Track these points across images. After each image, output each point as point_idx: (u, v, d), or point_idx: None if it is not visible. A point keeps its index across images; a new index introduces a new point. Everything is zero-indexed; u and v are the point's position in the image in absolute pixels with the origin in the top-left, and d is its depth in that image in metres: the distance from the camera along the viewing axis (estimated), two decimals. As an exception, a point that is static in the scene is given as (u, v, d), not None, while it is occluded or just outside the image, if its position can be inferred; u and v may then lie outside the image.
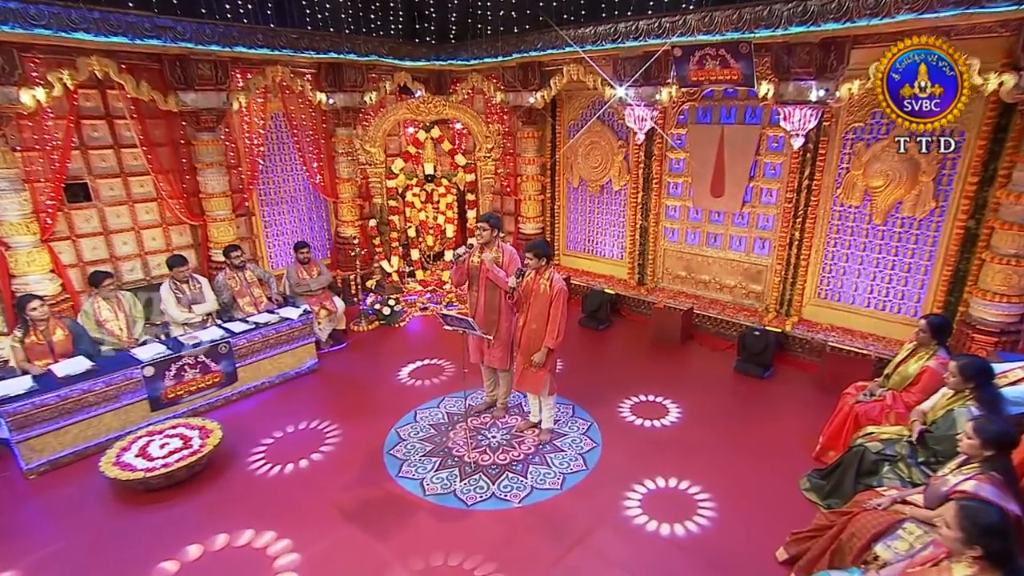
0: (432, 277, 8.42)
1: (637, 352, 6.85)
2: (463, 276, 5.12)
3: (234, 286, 6.48)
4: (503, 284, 4.91)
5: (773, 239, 6.85)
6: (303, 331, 6.37)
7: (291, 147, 8.23)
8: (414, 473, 4.71)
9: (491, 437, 5.16)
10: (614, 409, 5.54)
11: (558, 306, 4.66)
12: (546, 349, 4.72)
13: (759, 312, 7.03)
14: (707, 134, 7.08)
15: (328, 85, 7.91)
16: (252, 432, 5.32)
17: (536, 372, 4.84)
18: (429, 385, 6.11)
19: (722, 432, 5.15)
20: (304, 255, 6.99)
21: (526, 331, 4.84)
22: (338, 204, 8.62)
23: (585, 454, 4.90)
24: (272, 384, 6.20)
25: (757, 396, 5.78)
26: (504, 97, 8.42)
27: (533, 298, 4.75)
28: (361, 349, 7.05)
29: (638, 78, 6.95)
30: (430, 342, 7.14)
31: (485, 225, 4.96)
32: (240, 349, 5.92)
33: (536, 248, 4.72)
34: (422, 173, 8.19)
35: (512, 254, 5.07)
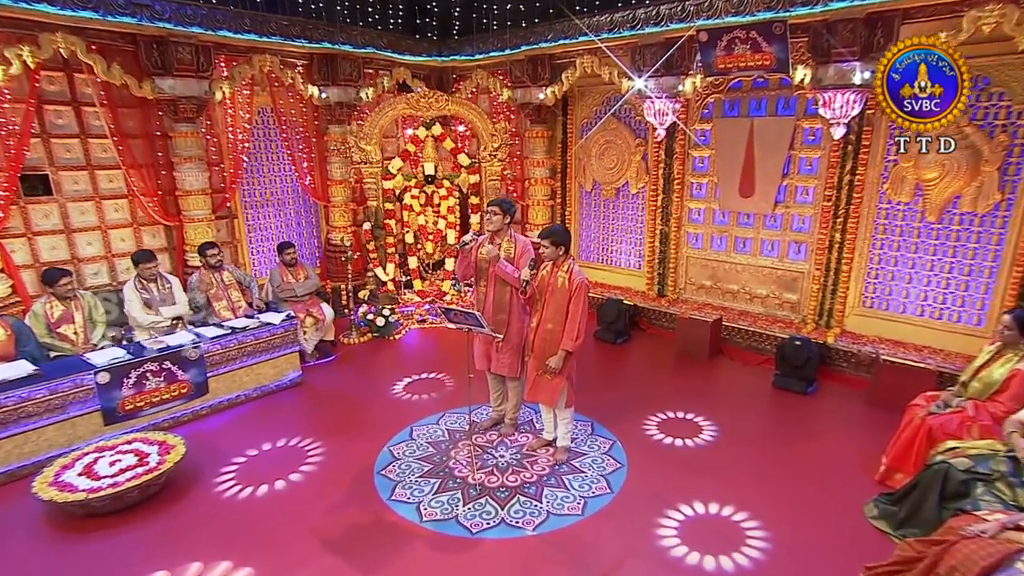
0: (431, 288, 7.97)
1: (660, 367, 6.49)
2: (469, 269, 4.70)
3: (209, 288, 6.01)
4: (513, 280, 4.49)
5: (810, 243, 6.47)
6: (286, 339, 5.90)
7: (279, 145, 7.92)
8: (409, 496, 4.19)
9: (499, 456, 4.67)
10: (639, 427, 5.08)
11: (578, 303, 4.24)
12: (564, 352, 4.29)
13: (795, 324, 6.57)
14: (735, 128, 6.75)
15: (321, 78, 7.63)
16: (222, 450, 4.82)
17: (552, 380, 4.40)
18: (427, 400, 5.64)
19: (766, 453, 4.69)
20: (289, 256, 6.55)
21: (540, 332, 4.40)
22: (329, 208, 8.26)
23: (609, 476, 4.40)
24: (249, 398, 5.70)
25: (801, 413, 5.33)
26: (511, 94, 8.12)
27: (549, 294, 4.34)
28: (351, 362, 6.61)
29: (659, 67, 6.65)
30: (428, 355, 6.79)
31: (496, 210, 4.56)
32: (213, 356, 5.42)
33: (553, 235, 4.30)
34: (422, 174, 7.84)
35: (525, 245, 4.67)
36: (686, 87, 6.62)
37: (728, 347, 6.72)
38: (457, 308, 4.20)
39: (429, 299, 7.79)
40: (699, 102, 7.04)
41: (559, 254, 4.32)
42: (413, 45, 8.49)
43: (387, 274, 7.63)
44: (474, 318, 4.11)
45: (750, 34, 5.78)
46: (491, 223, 4.58)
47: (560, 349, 4.29)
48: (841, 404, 5.46)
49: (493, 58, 8.18)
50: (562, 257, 4.34)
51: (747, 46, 5.87)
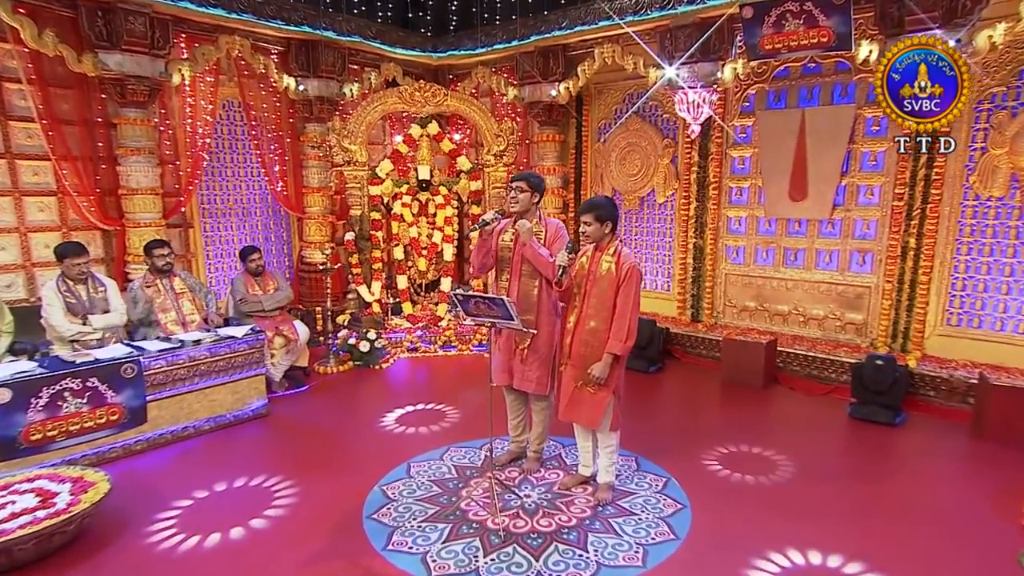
0: (424, 312, 7.36)
1: (707, 397, 5.99)
2: (488, 257, 4.15)
3: (155, 296, 5.31)
4: (545, 267, 3.93)
5: (877, 251, 6.05)
6: (250, 357, 5.20)
7: (247, 144, 7.45)
8: (412, 545, 3.44)
9: (524, 496, 3.95)
10: (696, 462, 4.48)
11: (628, 294, 3.69)
12: (610, 357, 3.70)
13: (863, 348, 6.01)
14: (782, 122, 6.41)
15: (299, 68, 7.25)
16: (161, 491, 4.08)
17: (595, 393, 3.81)
18: (426, 433, 4.97)
19: (863, 492, 4.11)
20: (255, 263, 5.92)
21: (580, 333, 3.82)
22: (304, 221, 7.74)
23: (669, 518, 3.72)
24: (199, 431, 4.94)
25: (894, 448, 4.78)
26: (518, 92, 7.79)
27: (591, 284, 3.80)
28: (329, 393, 5.96)
29: (693, 53, 6.34)
30: (424, 386, 6.21)
31: (522, 185, 4.06)
32: (155, 375, 4.68)
33: (595, 208, 3.77)
34: (415, 179, 7.35)
35: (558, 228, 4.16)
36: (725, 74, 6.29)
37: (784, 376, 6.16)
38: (478, 295, 3.59)
39: (422, 324, 7.14)
40: (738, 94, 6.70)
41: (604, 233, 3.78)
42: (405, 37, 8.18)
43: (372, 293, 7.02)
44: (501, 306, 3.51)
45: (804, 6, 5.49)
46: (516, 202, 4.06)
47: (605, 353, 3.70)
48: (939, 437, 4.88)
49: (497, 52, 7.88)
50: (608, 237, 3.80)
51: (800, 21, 5.57)
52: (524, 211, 4.07)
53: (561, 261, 3.75)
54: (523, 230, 3.99)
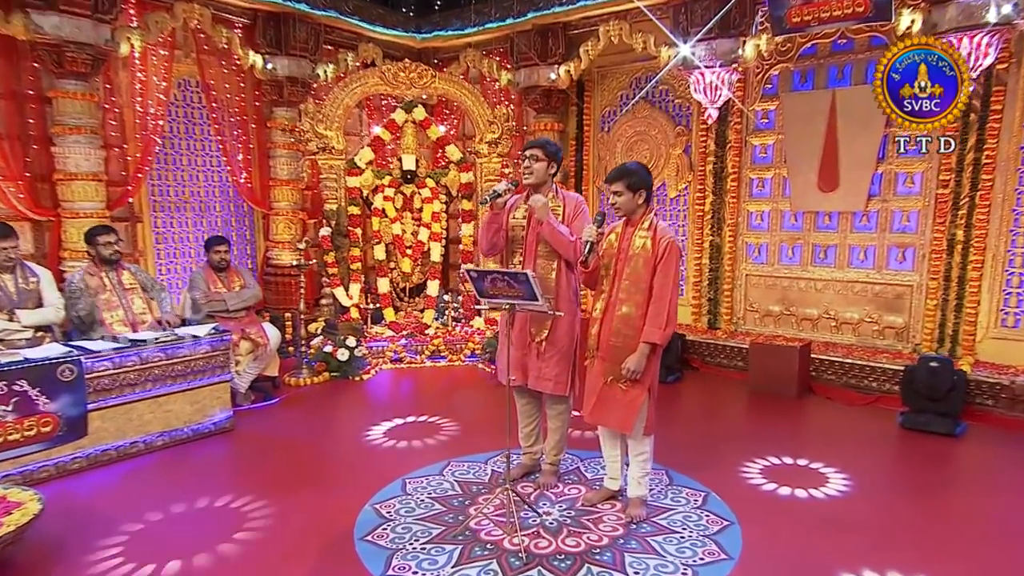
0: (408, 320, 7.10)
1: (735, 407, 5.85)
2: (499, 236, 3.94)
3: (99, 291, 4.94)
4: (566, 248, 3.74)
5: (919, 246, 5.95)
6: (214, 361, 4.87)
7: (206, 129, 7.17)
8: (416, 570, 3.14)
9: (543, 513, 3.66)
10: (735, 475, 4.30)
11: (668, 273, 3.50)
12: (646, 347, 3.48)
13: (905, 355, 5.85)
14: (809, 104, 6.32)
15: (267, 45, 7.01)
16: (104, 513, 3.72)
17: (627, 391, 3.60)
18: (420, 447, 4.70)
19: (940, 509, 3.93)
20: (219, 256, 5.60)
21: (610, 321, 3.63)
22: (271, 217, 7.45)
23: (716, 536, 3.47)
24: (150, 446, 4.57)
25: (957, 460, 4.64)
26: (512, 77, 7.63)
27: (622, 263, 3.60)
28: (303, 405, 5.66)
29: (712, 28, 6.22)
30: (413, 397, 5.98)
31: (537, 153, 3.86)
32: (98, 379, 4.30)
33: (626, 175, 3.57)
34: (398, 169, 7.12)
35: (578, 203, 3.97)
36: (747, 52, 6.19)
37: (817, 385, 5.98)
38: (495, 270, 3.34)
39: (407, 333, 6.85)
40: (759, 75, 6.62)
41: (637, 204, 3.57)
42: (385, 15, 8.01)
43: (350, 297, 6.72)
44: (524, 283, 3.26)
45: (838, -28, 5.45)
46: (530, 172, 3.85)
47: (641, 342, 3.48)
48: (1006, 448, 4.69)
49: (489, 32, 7.73)
50: (641, 209, 3.59)
51: (834, -12, 5.51)
52: (539, 183, 3.89)
53: (588, 236, 3.53)
54: (538, 205, 3.77)
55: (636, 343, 3.48)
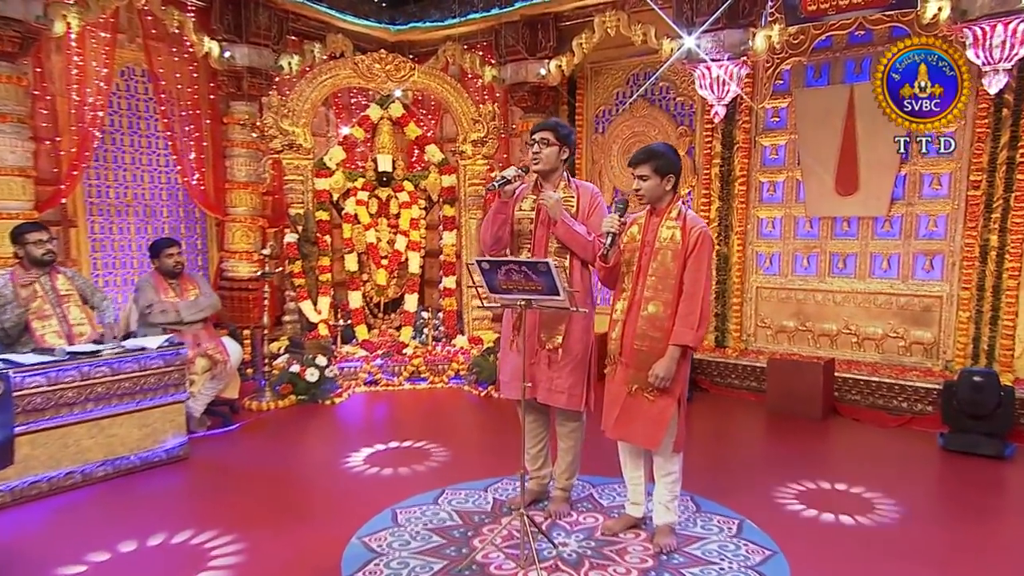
0: (383, 338, 6.95)
1: (756, 429, 5.80)
2: (504, 229, 3.82)
3: (29, 298, 4.65)
4: (584, 248, 3.68)
5: (949, 253, 5.97)
6: (167, 378, 4.62)
7: (153, 124, 6.95)
8: (421, 608, 2.89)
9: (560, 544, 3.49)
10: (770, 501, 4.20)
11: (700, 266, 3.42)
12: (677, 351, 3.37)
13: (937, 373, 5.82)
14: (825, 101, 6.37)
15: (224, 30, 6.85)
16: (35, 555, 3.43)
17: (654, 401, 3.47)
18: (408, 475, 4.52)
19: (997, 535, 3.85)
20: (172, 260, 5.36)
21: (633, 322, 3.52)
22: (226, 224, 7.23)
23: (760, 567, 3.34)
24: (89, 478, 4.26)
25: (1012, 484, 4.57)
26: (497, 73, 7.61)
27: (646, 258, 3.49)
28: (269, 431, 5.45)
29: (719, 17, 6.22)
30: (394, 422, 5.85)
31: (548, 136, 3.78)
32: (29, 397, 3.99)
33: (654, 157, 3.49)
34: (372, 171, 7.01)
35: (593, 196, 3.88)
36: (757, 43, 6.17)
37: (842, 406, 5.94)
38: (511, 259, 3.22)
39: (382, 352, 6.66)
40: (770, 70, 6.58)
41: (664, 191, 3.48)
42: (357, 4, 7.94)
43: (319, 312, 6.53)
44: (545, 275, 3.13)
45: (859, -45, 5.52)
46: (539, 159, 3.75)
47: (671, 345, 3.37)
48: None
49: (472, 23, 7.72)
50: (668, 196, 3.50)
51: (854, -27, 5.57)
52: (550, 170, 3.78)
53: (610, 227, 3.42)
54: (550, 204, 3.66)
55: (664, 346, 3.36)
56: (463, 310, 7.19)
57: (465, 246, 7.16)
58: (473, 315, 7.14)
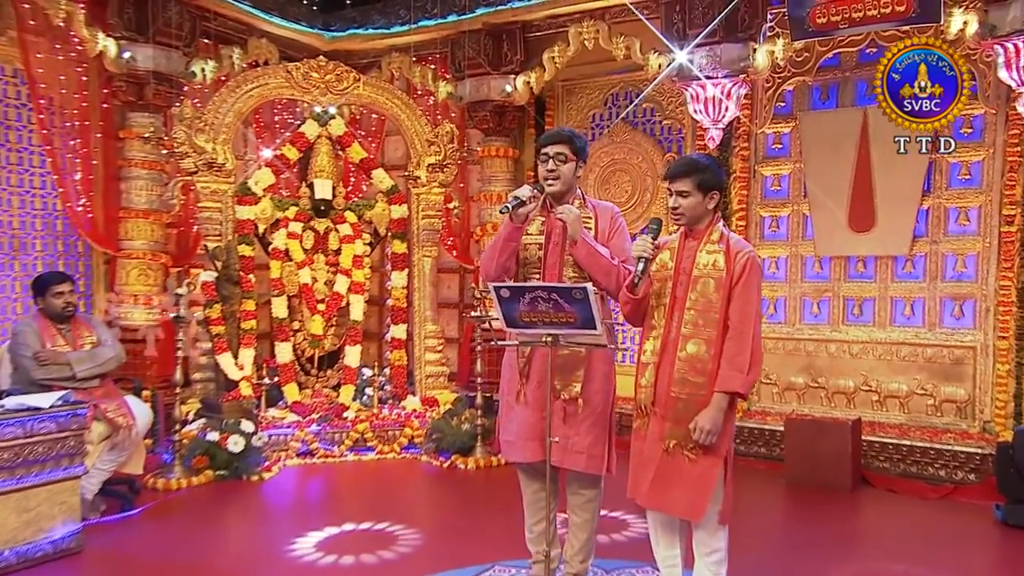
0: (318, 400, 6.76)
1: (778, 503, 5.84)
2: (511, 259, 3.68)
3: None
4: (607, 273, 3.55)
5: (982, 297, 6.08)
6: (62, 446, 4.28)
7: (27, 136, 6.83)
8: None
9: None
10: None
11: (749, 298, 3.31)
12: (725, 399, 3.24)
13: (973, 435, 5.89)
14: (835, 126, 6.55)
15: (124, 27, 6.75)
16: None
17: (697, 461, 3.28)
18: (375, 563, 4.36)
19: None
20: (63, 301, 5.03)
21: (669, 365, 3.34)
22: (118, 261, 6.98)
23: None
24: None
25: None
26: (453, 89, 7.68)
27: (681, 288, 3.38)
28: (183, 515, 5.23)
29: (715, 30, 6.35)
30: (344, 501, 5.74)
31: (564, 152, 3.69)
32: None
33: (697, 170, 3.42)
34: (308, 199, 6.90)
35: (614, 216, 3.83)
36: (758, 60, 6.31)
37: (870, 474, 5.95)
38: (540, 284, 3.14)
39: (319, 416, 6.41)
40: (770, 90, 6.75)
41: (706, 210, 3.41)
42: (285, 5, 7.96)
43: (240, 367, 6.25)
44: (581, 302, 3.01)
45: (876, -39, 5.75)
46: (555, 177, 3.64)
47: (716, 392, 3.23)
48: None
49: (424, 31, 7.78)
50: (708, 217, 3.43)
51: (870, -18, 5.77)
52: (566, 190, 3.69)
53: (641, 251, 3.31)
54: (570, 219, 3.54)
55: (708, 394, 3.21)
56: (415, 366, 6.98)
57: (418, 288, 7.00)
58: (426, 372, 6.96)
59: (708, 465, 3.25)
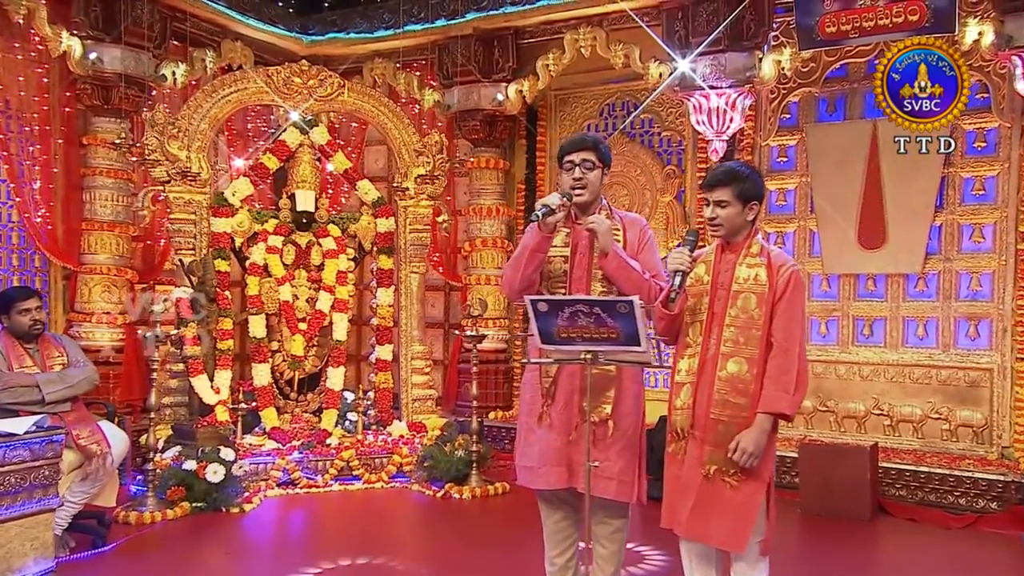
0: (298, 425, 6.59)
1: (796, 534, 5.64)
2: (537, 272, 3.59)
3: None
4: (639, 286, 3.47)
5: (998, 317, 6.15)
6: (35, 476, 4.05)
7: None
8: None
9: None
10: None
11: (793, 314, 3.27)
12: (769, 421, 3.19)
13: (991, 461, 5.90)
14: (843, 139, 6.62)
15: (90, 26, 6.74)
16: None
17: (739, 487, 3.20)
18: None
19: None
20: (29, 317, 4.82)
21: (707, 385, 3.28)
22: (80, 276, 6.88)
23: None
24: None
25: None
26: (441, 97, 7.66)
27: (719, 304, 3.35)
28: (160, 551, 5.03)
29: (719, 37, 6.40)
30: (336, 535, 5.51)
31: (592, 158, 3.62)
32: None
33: (737, 179, 3.35)
34: (288, 212, 6.78)
35: (643, 228, 3.75)
36: (764, 69, 6.35)
37: (887, 502, 5.89)
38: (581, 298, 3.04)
39: (300, 444, 6.25)
40: (775, 102, 6.82)
41: (745, 221, 3.37)
42: (262, 6, 7.90)
43: (217, 390, 6.07)
44: (626, 316, 2.91)
45: (889, -29, 5.81)
46: (583, 186, 3.56)
47: (759, 413, 3.16)
48: None
49: (410, 36, 7.76)
50: (747, 229, 3.40)
51: (885, -10, 5.86)
52: (592, 200, 3.62)
53: (678, 264, 3.24)
54: (602, 228, 3.45)
55: (750, 415, 3.16)
56: (401, 389, 6.85)
57: (405, 307, 6.87)
58: (413, 395, 6.80)
59: (751, 492, 3.17)
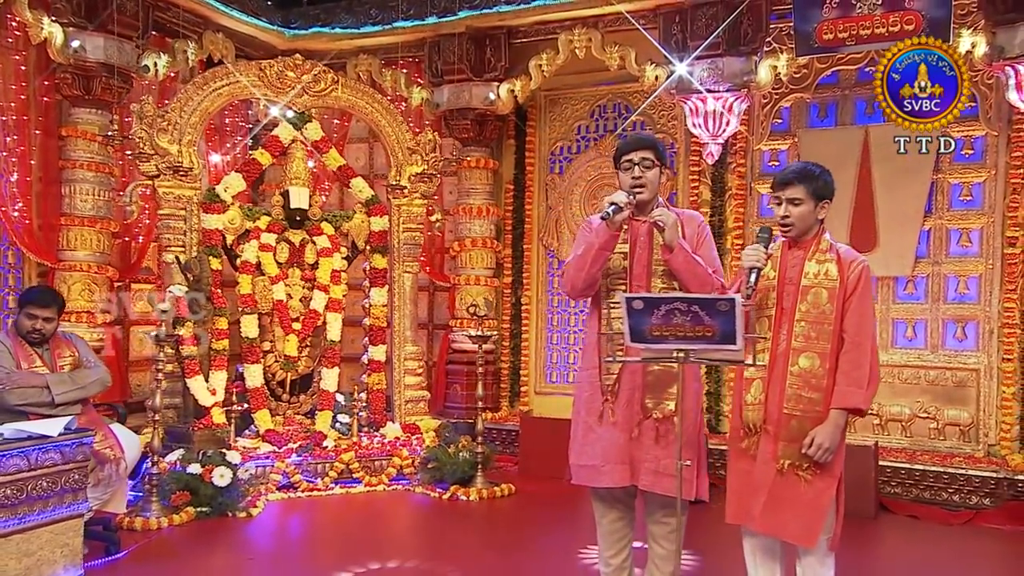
0: (291, 428, 6.52)
1: None
2: (601, 267, 3.61)
3: None
4: (703, 283, 3.53)
5: (985, 319, 6.33)
6: (66, 481, 3.97)
7: None
8: None
9: None
10: None
11: (865, 310, 3.39)
12: (843, 416, 3.31)
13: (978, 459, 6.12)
14: (835, 145, 6.76)
15: (73, 11, 6.56)
16: None
17: (812, 482, 3.31)
18: None
19: None
20: (44, 317, 4.70)
21: (779, 380, 3.40)
22: (58, 274, 6.70)
23: None
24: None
25: None
26: (430, 96, 7.66)
27: (789, 300, 3.46)
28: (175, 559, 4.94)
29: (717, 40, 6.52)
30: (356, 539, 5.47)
31: (651, 157, 3.65)
32: None
33: (809, 178, 3.50)
34: (280, 209, 6.70)
35: (701, 225, 3.83)
36: (761, 74, 6.49)
37: (887, 500, 6.07)
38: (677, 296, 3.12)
39: (298, 447, 6.15)
40: (767, 107, 6.97)
41: (816, 220, 3.49)
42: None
43: (213, 391, 5.97)
44: (726, 314, 2.98)
45: (887, -19, 5.98)
46: (642, 185, 3.59)
47: (833, 408, 3.28)
48: None
49: (398, 32, 7.71)
50: (816, 227, 3.52)
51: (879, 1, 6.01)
52: (650, 198, 3.65)
53: (754, 261, 3.35)
54: (669, 223, 3.50)
55: (824, 410, 3.26)
56: (394, 390, 6.82)
57: (398, 307, 6.85)
58: (406, 396, 6.83)
59: (823, 487, 3.28)
